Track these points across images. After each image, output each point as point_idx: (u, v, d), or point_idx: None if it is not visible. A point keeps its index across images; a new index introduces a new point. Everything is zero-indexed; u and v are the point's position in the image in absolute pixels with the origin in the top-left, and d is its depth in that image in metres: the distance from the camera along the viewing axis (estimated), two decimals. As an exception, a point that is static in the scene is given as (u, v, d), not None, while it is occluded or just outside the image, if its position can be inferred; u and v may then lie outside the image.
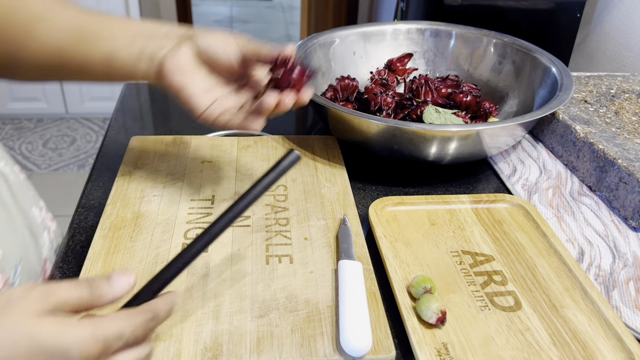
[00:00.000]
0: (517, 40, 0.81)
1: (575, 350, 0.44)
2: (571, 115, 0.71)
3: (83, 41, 0.48)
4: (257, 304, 0.46)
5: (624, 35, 1.06)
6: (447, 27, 0.87)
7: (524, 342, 0.44)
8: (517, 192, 0.66)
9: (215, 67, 0.50)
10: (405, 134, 0.60)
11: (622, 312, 0.49)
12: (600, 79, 0.83)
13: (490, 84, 0.82)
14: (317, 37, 0.81)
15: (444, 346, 0.43)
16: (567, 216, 0.61)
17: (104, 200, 0.60)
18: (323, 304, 0.46)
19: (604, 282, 0.52)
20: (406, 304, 0.46)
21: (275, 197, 0.60)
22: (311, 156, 0.68)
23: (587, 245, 0.57)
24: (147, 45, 0.48)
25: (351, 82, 0.77)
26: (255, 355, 0.41)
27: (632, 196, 0.59)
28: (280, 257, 0.51)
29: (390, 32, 0.87)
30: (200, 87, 0.48)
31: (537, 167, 0.71)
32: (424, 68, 0.88)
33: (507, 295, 0.49)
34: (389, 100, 0.74)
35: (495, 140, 0.64)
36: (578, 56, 1.20)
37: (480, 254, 0.53)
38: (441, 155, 0.63)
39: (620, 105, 0.75)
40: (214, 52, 0.48)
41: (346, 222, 0.55)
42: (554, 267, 0.52)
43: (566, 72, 0.72)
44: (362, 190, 0.65)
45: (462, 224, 0.57)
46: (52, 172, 2.10)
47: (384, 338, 0.43)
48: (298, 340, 0.43)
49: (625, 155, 0.62)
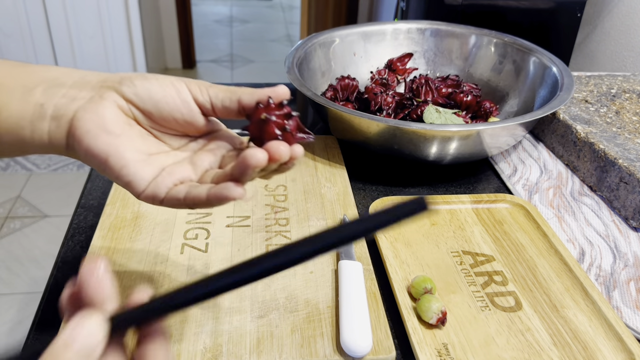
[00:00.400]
0: (518, 40, 0.81)
1: (575, 351, 0.43)
2: (572, 115, 0.71)
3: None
4: (257, 304, 0.46)
5: (624, 34, 1.06)
6: (448, 27, 0.86)
7: (524, 343, 0.44)
8: (518, 192, 0.65)
9: (157, 125, 0.36)
10: (405, 133, 0.60)
11: (623, 313, 0.49)
12: (601, 79, 0.83)
13: (490, 84, 0.82)
14: (317, 37, 0.81)
15: (444, 346, 0.43)
16: (567, 216, 0.61)
17: (104, 201, 0.60)
18: (323, 305, 0.46)
19: (605, 282, 0.52)
20: (406, 304, 0.46)
21: (275, 197, 0.60)
22: (311, 156, 0.68)
23: (588, 245, 0.57)
24: (50, 97, 0.34)
25: (351, 82, 0.77)
26: (255, 355, 0.41)
27: (632, 196, 0.59)
28: (280, 257, 0.51)
29: (391, 31, 0.87)
30: (136, 153, 0.34)
31: (537, 167, 0.71)
32: (424, 68, 0.88)
33: (508, 296, 0.48)
34: (389, 100, 0.73)
35: (495, 140, 0.64)
36: (578, 56, 1.19)
37: (480, 254, 0.53)
38: (441, 155, 0.63)
39: (621, 105, 0.75)
40: (154, 104, 0.35)
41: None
42: (554, 267, 0.52)
43: (567, 72, 0.72)
44: (362, 190, 0.65)
45: (463, 224, 0.57)
46: (52, 172, 2.09)
47: (384, 338, 0.43)
48: (298, 341, 0.43)
49: (625, 155, 0.62)
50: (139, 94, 0.35)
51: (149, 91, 0.35)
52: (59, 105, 0.34)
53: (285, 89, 0.35)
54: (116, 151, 0.34)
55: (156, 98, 0.35)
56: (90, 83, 0.35)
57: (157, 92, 0.35)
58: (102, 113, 0.34)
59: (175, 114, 0.36)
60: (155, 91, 0.35)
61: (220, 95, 0.36)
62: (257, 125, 0.34)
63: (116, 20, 2.27)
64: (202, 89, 0.36)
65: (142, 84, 0.35)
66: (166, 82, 0.35)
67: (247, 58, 3.31)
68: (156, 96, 0.35)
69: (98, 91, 0.35)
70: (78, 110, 0.34)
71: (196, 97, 0.36)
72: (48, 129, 0.34)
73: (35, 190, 1.98)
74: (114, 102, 0.34)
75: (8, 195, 1.94)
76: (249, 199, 0.59)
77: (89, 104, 0.34)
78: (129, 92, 0.35)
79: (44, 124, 0.34)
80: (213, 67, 3.12)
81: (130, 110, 0.35)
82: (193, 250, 0.51)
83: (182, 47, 2.92)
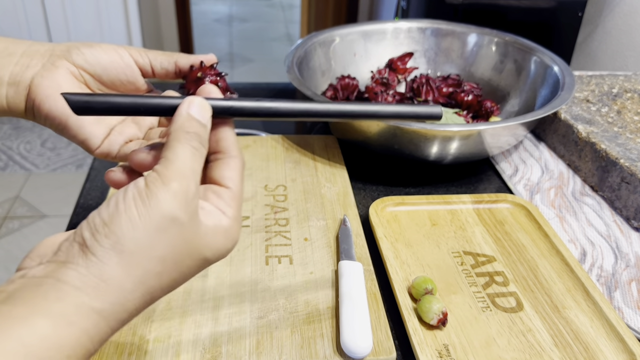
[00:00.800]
0: (519, 39, 0.81)
1: (577, 352, 0.43)
2: (573, 115, 0.71)
3: None
4: (257, 305, 0.45)
5: (625, 34, 1.06)
6: (448, 26, 0.86)
7: (525, 343, 0.44)
8: (519, 192, 0.65)
9: (105, 87, 0.41)
10: (405, 133, 0.60)
11: (624, 313, 0.49)
12: (602, 78, 0.83)
13: (491, 83, 0.82)
14: (317, 36, 0.80)
15: (445, 347, 0.43)
16: (569, 216, 0.61)
17: (103, 200, 0.59)
18: (323, 305, 0.46)
19: (606, 283, 0.52)
20: (407, 305, 0.46)
21: (274, 197, 0.59)
22: (311, 156, 0.68)
23: (589, 245, 0.57)
24: (4, 65, 0.38)
25: (351, 82, 0.77)
26: (255, 356, 0.41)
27: (634, 196, 0.59)
28: (280, 258, 0.51)
29: (391, 30, 0.87)
30: None
31: (539, 167, 0.70)
32: (425, 67, 0.87)
33: (509, 296, 0.48)
34: (390, 100, 0.73)
35: (496, 140, 0.63)
36: (580, 55, 1.19)
37: (481, 255, 0.53)
38: (442, 155, 0.63)
39: (622, 104, 0.74)
40: (102, 68, 0.39)
41: (346, 223, 0.55)
42: (555, 268, 0.52)
43: (568, 71, 0.72)
44: (362, 190, 0.65)
45: (464, 225, 0.57)
46: (51, 172, 2.09)
47: (384, 339, 0.43)
48: (298, 342, 0.42)
49: (627, 155, 0.61)
50: (88, 60, 0.39)
51: (97, 58, 0.39)
52: (14, 73, 0.38)
53: (214, 56, 0.41)
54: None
55: (103, 63, 0.39)
56: (39, 52, 0.39)
57: (103, 58, 0.39)
58: (57, 79, 0.38)
59: (121, 76, 0.40)
60: (101, 57, 0.39)
61: (159, 59, 0.41)
62: (193, 83, 0.39)
63: (115, 19, 2.27)
64: (141, 54, 0.41)
65: (90, 52, 0.39)
66: (110, 48, 0.40)
67: (247, 57, 3.31)
68: (103, 62, 0.39)
69: (49, 59, 0.38)
70: (35, 77, 0.37)
71: (137, 60, 0.40)
72: (6, 94, 0.38)
73: (34, 190, 1.98)
74: (67, 69, 0.38)
75: (7, 195, 1.94)
76: (248, 199, 0.59)
77: (44, 71, 0.38)
78: (79, 59, 0.39)
79: (1, 90, 0.38)
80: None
81: (81, 75, 0.39)
82: (192, 250, 0.51)
83: (182, 46, 2.92)
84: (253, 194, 0.60)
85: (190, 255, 0.29)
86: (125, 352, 0.41)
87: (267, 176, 0.63)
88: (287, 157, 0.67)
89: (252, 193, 0.60)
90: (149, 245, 0.27)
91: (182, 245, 0.28)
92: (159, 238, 0.27)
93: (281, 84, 0.92)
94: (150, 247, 0.27)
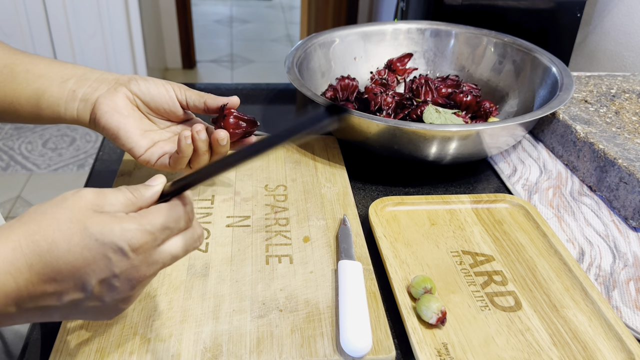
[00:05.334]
0: (517, 40, 0.81)
1: (575, 351, 0.44)
2: (571, 115, 0.71)
3: (13, 78, 0.49)
4: (257, 304, 0.46)
5: (624, 34, 1.06)
6: (447, 27, 0.86)
7: (524, 342, 0.44)
8: (518, 192, 0.66)
9: (152, 113, 0.52)
10: (405, 133, 0.60)
11: (623, 312, 0.49)
12: (601, 79, 0.83)
13: (490, 84, 0.82)
14: (317, 37, 0.81)
15: (444, 346, 0.43)
16: (567, 216, 0.61)
17: (104, 200, 0.60)
18: (323, 304, 0.46)
19: (604, 282, 0.52)
20: (406, 304, 0.46)
21: (275, 197, 0.60)
22: (311, 156, 0.68)
23: (588, 245, 0.57)
24: (80, 87, 0.50)
25: (351, 82, 0.77)
26: (255, 355, 0.41)
27: (632, 196, 0.59)
28: (280, 257, 0.51)
29: (391, 31, 0.87)
30: (137, 129, 0.50)
31: (537, 167, 0.71)
32: (424, 68, 0.88)
33: (508, 296, 0.49)
34: (389, 100, 0.74)
35: (495, 140, 0.64)
36: (578, 56, 1.19)
37: (480, 254, 0.53)
38: (441, 155, 0.63)
39: (620, 105, 0.75)
40: (151, 97, 0.51)
41: (346, 222, 0.55)
42: (554, 267, 0.52)
43: (566, 72, 0.72)
44: (362, 190, 0.65)
45: (463, 224, 0.57)
46: (52, 172, 2.09)
47: (384, 338, 0.43)
48: (298, 341, 0.43)
49: (625, 155, 0.62)
50: (142, 89, 0.51)
51: (148, 88, 0.51)
52: (86, 93, 0.50)
53: (237, 99, 0.53)
54: (125, 126, 0.50)
55: (152, 93, 0.52)
56: (107, 79, 0.51)
57: (153, 89, 0.52)
58: (115, 101, 0.50)
59: (164, 105, 0.52)
60: (152, 89, 0.52)
61: (193, 97, 0.53)
62: (222, 119, 0.52)
63: (116, 20, 2.28)
64: (181, 90, 0.53)
65: (145, 84, 0.51)
66: (160, 83, 0.52)
67: (247, 58, 3.31)
68: (152, 92, 0.52)
69: (113, 85, 0.51)
70: (99, 97, 0.50)
71: (177, 95, 0.53)
72: (77, 108, 0.50)
73: (36, 190, 1.98)
74: (124, 94, 0.50)
75: (8, 195, 1.94)
76: (249, 199, 0.59)
77: (107, 93, 0.50)
78: (135, 88, 0.51)
79: (74, 104, 0.50)
80: (213, 67, 3.12)
81: (134, 100, 0.51)
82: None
83: (182, 47, 2.92)
84: (253, 194, 0.60)
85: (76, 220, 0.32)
86: (126, 351, 0.41)
87: (267, 176, 0.63)
88: (288, 157, 0.67)
89: (253, 193, 0.60)
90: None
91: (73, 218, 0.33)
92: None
93: (281, 85, 0.92)
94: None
